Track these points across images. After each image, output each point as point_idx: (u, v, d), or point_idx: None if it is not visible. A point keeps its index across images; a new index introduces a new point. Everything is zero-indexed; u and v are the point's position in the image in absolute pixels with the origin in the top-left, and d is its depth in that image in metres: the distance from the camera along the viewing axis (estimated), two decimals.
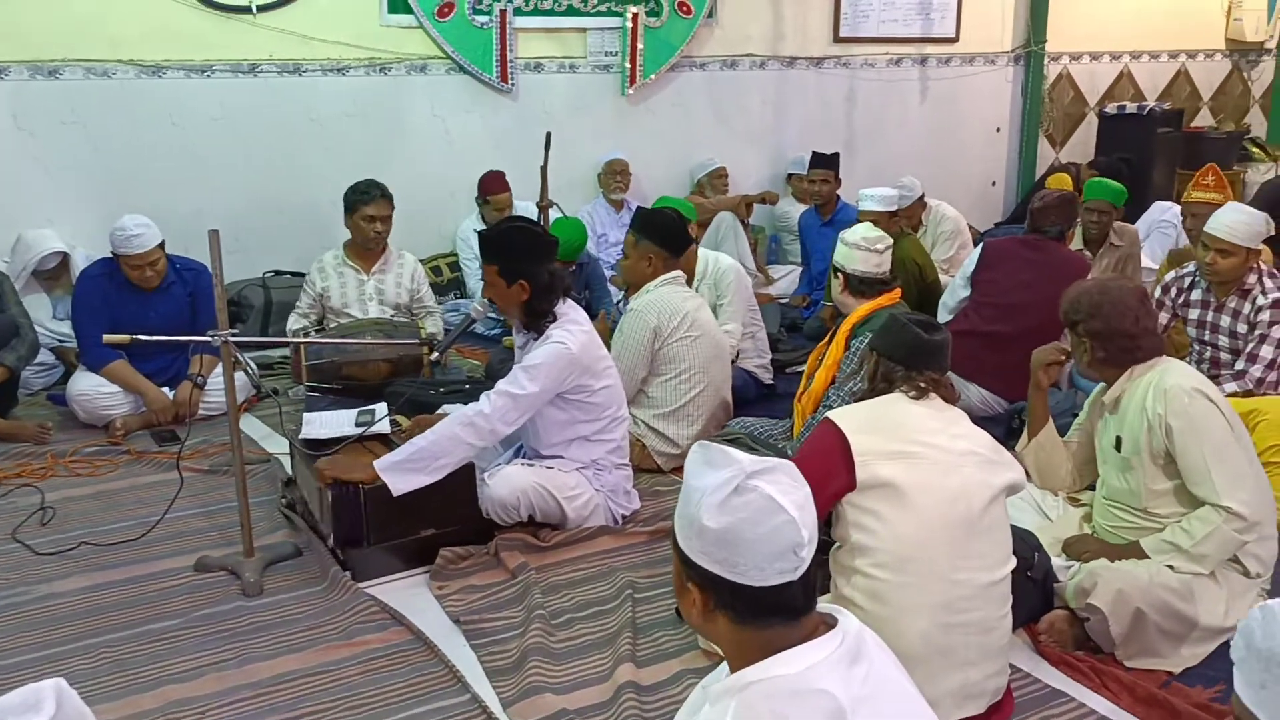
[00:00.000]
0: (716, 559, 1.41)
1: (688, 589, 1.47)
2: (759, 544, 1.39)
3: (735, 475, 1.41)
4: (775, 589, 1.40)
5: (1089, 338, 2.81)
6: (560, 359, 3.22)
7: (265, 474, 3.89)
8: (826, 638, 1.42)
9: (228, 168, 5.63)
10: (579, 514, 3.36)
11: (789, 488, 1.43)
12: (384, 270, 5.07)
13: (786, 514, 1.40)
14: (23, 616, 2.94)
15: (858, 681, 1.37)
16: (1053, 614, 2.73)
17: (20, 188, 5.20)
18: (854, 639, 1.42)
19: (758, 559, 1.39)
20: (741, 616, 1.42)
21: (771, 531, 1.39)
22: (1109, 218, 5.09)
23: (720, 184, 6.79)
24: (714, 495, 1.41)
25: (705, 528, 1.40)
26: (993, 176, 8.32)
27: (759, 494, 1.40)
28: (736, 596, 1.41)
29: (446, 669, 2.66)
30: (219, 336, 2.99)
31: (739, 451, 1.48)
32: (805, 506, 1.43)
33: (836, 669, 1.38)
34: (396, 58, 5.97)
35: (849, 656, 1.40)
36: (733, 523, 1.39)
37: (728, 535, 1.39)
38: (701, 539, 1.41)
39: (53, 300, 5.07)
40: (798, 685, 1.36)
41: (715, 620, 1.45)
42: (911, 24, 7.56)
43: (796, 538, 1.40)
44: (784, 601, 1.41)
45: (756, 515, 1.39)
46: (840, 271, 3.67)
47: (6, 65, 5.09)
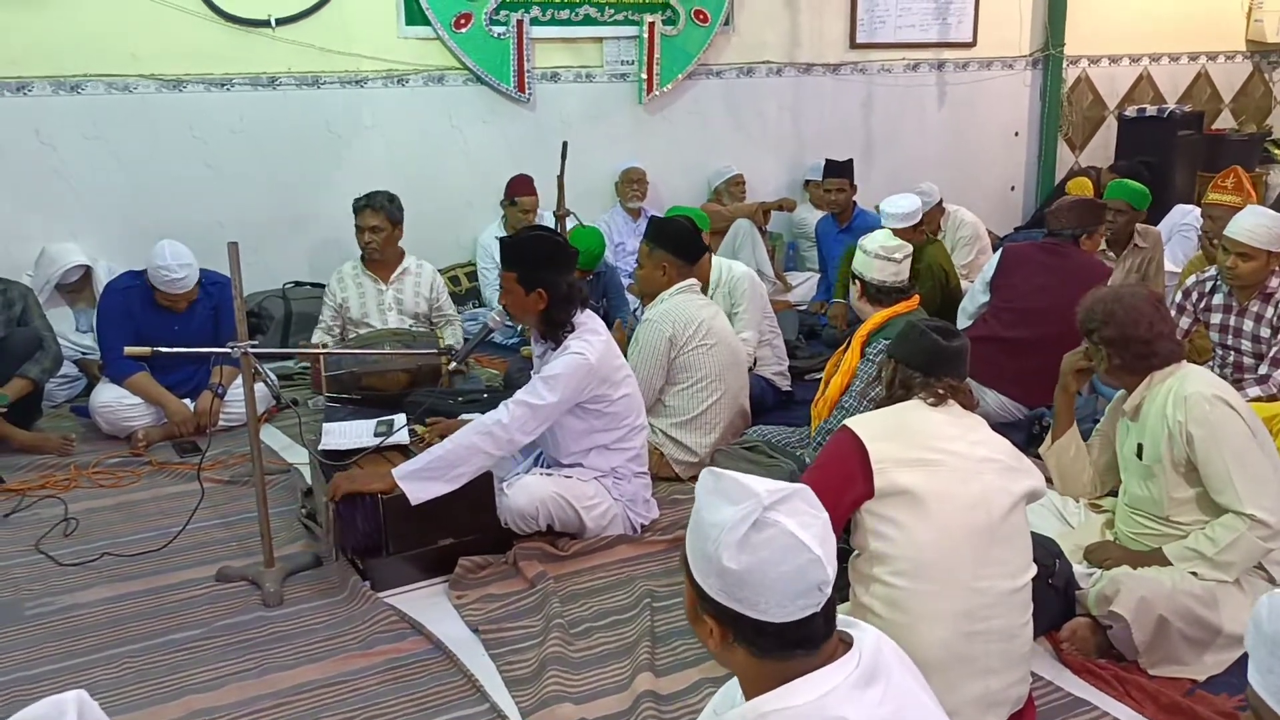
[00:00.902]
0: (737, 598, 1.36)
1: (702, 621, 1.43)
2: (782, 583, 1.34)
3: (753, 509, 1.36)
4: (798, 623, 1.36)
5: (1104, 345, 2.79)
6: (579, 369, 3.22)
7: (285, 484, 3.91)
8: (842, 661, 1.39)
9: (247, 179, 5.67)
10: (597, 523, 3.36)
11: (809, 519, 1.38)
12: (402, 280, 5.10)
13: (811, 553, 1.35)
14: (46, 627, 2.97)
15: (874, 703, 1.35)
16: (1075, 621, 2.71)
17: (43, 202, 5.25)
18: (870, 657, 1.40)
19: (780, 597, 1.35)
20: (764, 651, 1.38)
21: (795, 571, 1.34)
22: (1127, 218, 5.05)
23: (738, 191, 6.79)
24: (732, 533, 1.35)
25: (725, 569, 1.35)
26: (1011, 181, 8.28)
27: (780, 529, 1.35)
28: (759, 633, 1.37)
29: (465, 678, 2.67)
30: (238, 348, 3.01)
31: (752, 479, 1.43)
32: (827, 539, 1.39)
33: (853, 693, 1.35)
34: (414, 69, 6.00)
35: (865, 677, 1.37)
36: (754, 562, 1.34)
37: (749, 576, 1.34)
38: (721, 579, 1.36)
39: (76, 313, 5.12)
40: (814, 715, 1.34)
41: (734, 651, 1.41)
42: (928, 29, 7.54)
43: (821, 576, 1.36)
44: (807, 635, 1.38)
45: (779, 554, 1.34)
46: (858, 279, 3.65)
47: (29, 80, 5.15)
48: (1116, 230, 5.05)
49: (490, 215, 6.22)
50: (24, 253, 5.10)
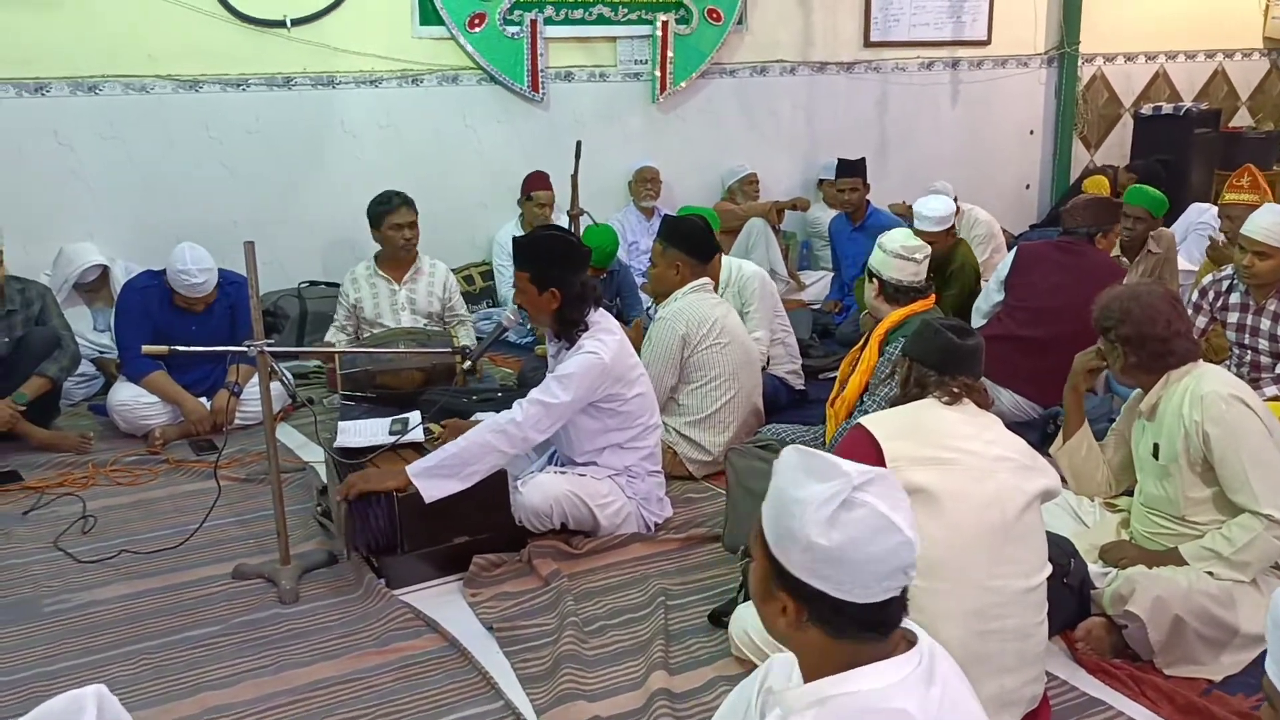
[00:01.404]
0: (822, 575, 1.36)
1: (775, 598, 1.42)
2: (872, 564, 1.34)
3: (842, 488, 1.35)
4: (878, 605, 1.37)
5: (1121, 343, 2.77)
6: (592, 368, 3.23)
7: (301, 482, 3.93)
8: (907, 656, 1.39)
9: (263, 179, 5.70)
10: (611, 521, 3.37)
11: (897, 501, 1.38)
12: (415, 280, 5.12)
13: (903, 534, 1.35)
14: (65, 623, 2.99)
15: (934, 702, 1.35)
16: (1090, 621, 2.70)
17: (61, 202, 5.29)
18: (929, 658, 1.40)
19: (867, 578, 1.35)
20: (839, 631, 1.38)
21: (886, 552, 1.34)
22: (1145, 225, 4.99)
23: (751, 190, 6.79)
24: (821, 509, 1.34)
25: (815, 544, 1.34)
26: (1026, 179, 8.26)
27: (871, 510, 1.35)
28: (838, 613, 1.37)
29: (480, 676, 2.67)
30: (255, 346, 3.03)
31: (839, 458, 1.43)
32: (913, 522, 1.39)
33: (915, 689, 1.35)
34: (428, 69, 6.02)
35: (926, 677, 1.38)
36: (846, 541, 1.34)
37: (840, 554, 1.34)
38: (809, 555, 1.35)
39: (93, 312, 5.15)
40: (878, 703, 1.34)
41: (805, 630, 1.41)
42: (943, 27, 7.52)
43: (910, 558, 1.36)
44: (884, 618, 1.38)
45: (871, 535, 1.34)
46: (876, 277, 3.63)
47: (47, 81, 5.19)
48: (1132, 237, 4.99)
49: (504, 215, 6.23)
50: (42, 252, 5.14)
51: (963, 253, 5.04)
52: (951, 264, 4.92)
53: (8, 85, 5.10)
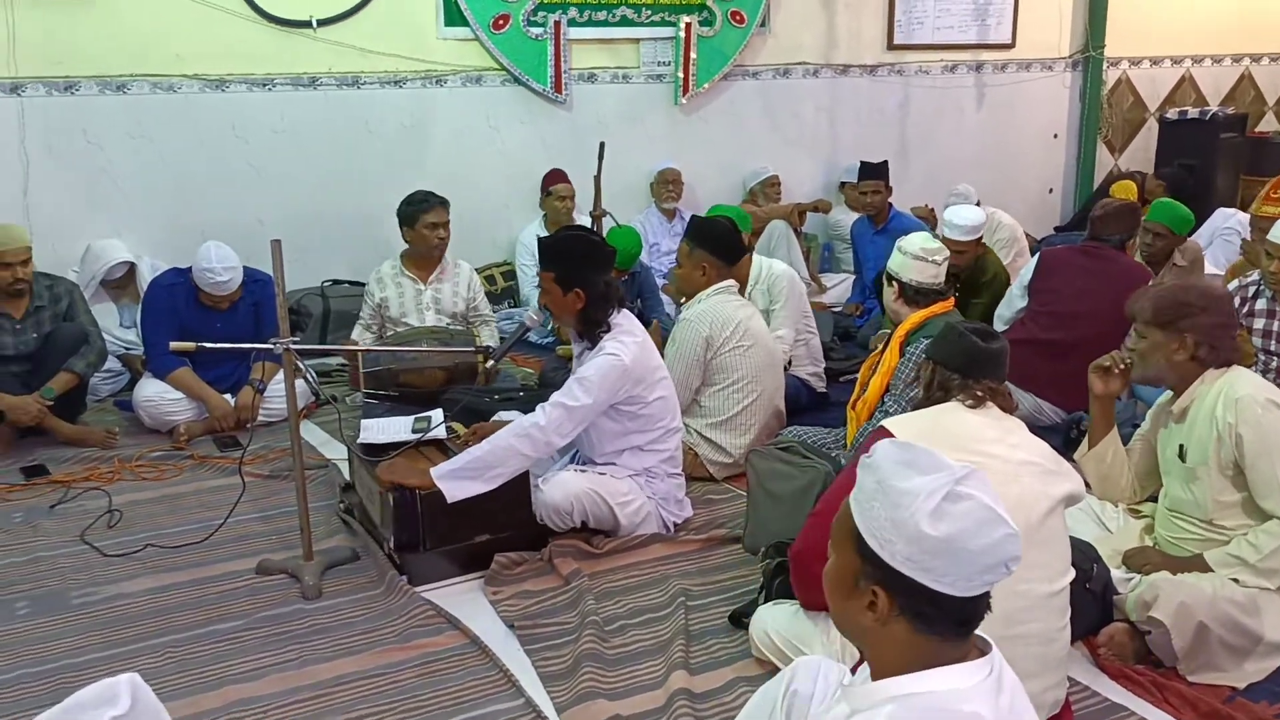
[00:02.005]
0: (925, 566, 1.36)
1: (863, 591, 1.42)
2: (978, 555, 1.35)
3: (946, 480, 1.37)
4: (973, 599, 1.37)
5: (1195, 333, 2.70)
6: (612, 371, 3.24)
7: (324, 479, 3.96)
8: (980, 663, 1.39)
9: (288, 178, 5.74)
10: (631, 520, 3.38)
11: (996, 498, 1.39)
12: (441, 280, 5.14)
13: (1009, 527, 1.36)
14: (92, 616, 3.02)
15: (1005, 711, 1.36)
16: (1113, 626, 2.69)
17: (89, 199, 5.35)
18: (999, 668, 1.41)
19: (969, 570, 1.35)
20: (929, 625, 1.39)
21: (993, 544, 1.35)
22: (1165, 242, 4.83)
23: (773, 192, 6.79)
24: (928, 501, 1.35)
25: (923, 535, 1.35)
26: (1050, 183, 8.22)
27: (977, 502, 1.36)
28: (934, 605, 1.37)
29: (501, 673, 2.69)
30: (280, 344, 3.05)
31: (938, 452, 1.44)
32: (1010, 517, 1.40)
33: (989, 695, 1.36)
34: (452, 70, 6.05)
35: (997, 685, 1.38)
36: (954, 532, 1.34)
37: (948, 545, 1.34)
38: (914, 545, 1.35)
39: (120, 309, 5.21)
40: (955, 704, 1.35)
41: (890, 625, 1.41)
42: (967, 30, 7.50)
43: (1014, 551, 1.37)
44: (973, 613, 1.39)
45: (977, 526, 1.35)
46: (895, 280, 3.64)
47: (76, 80, 5.25)
48: (1152, 253, 4.88)
49: (526, 215, 6.26)
50: (70, 249, 5.20)
51: (994, 263, 5.00)
52: (984, 275, 4.87)
53: (38, 84, 5.16)
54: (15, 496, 3.87)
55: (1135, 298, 2.83)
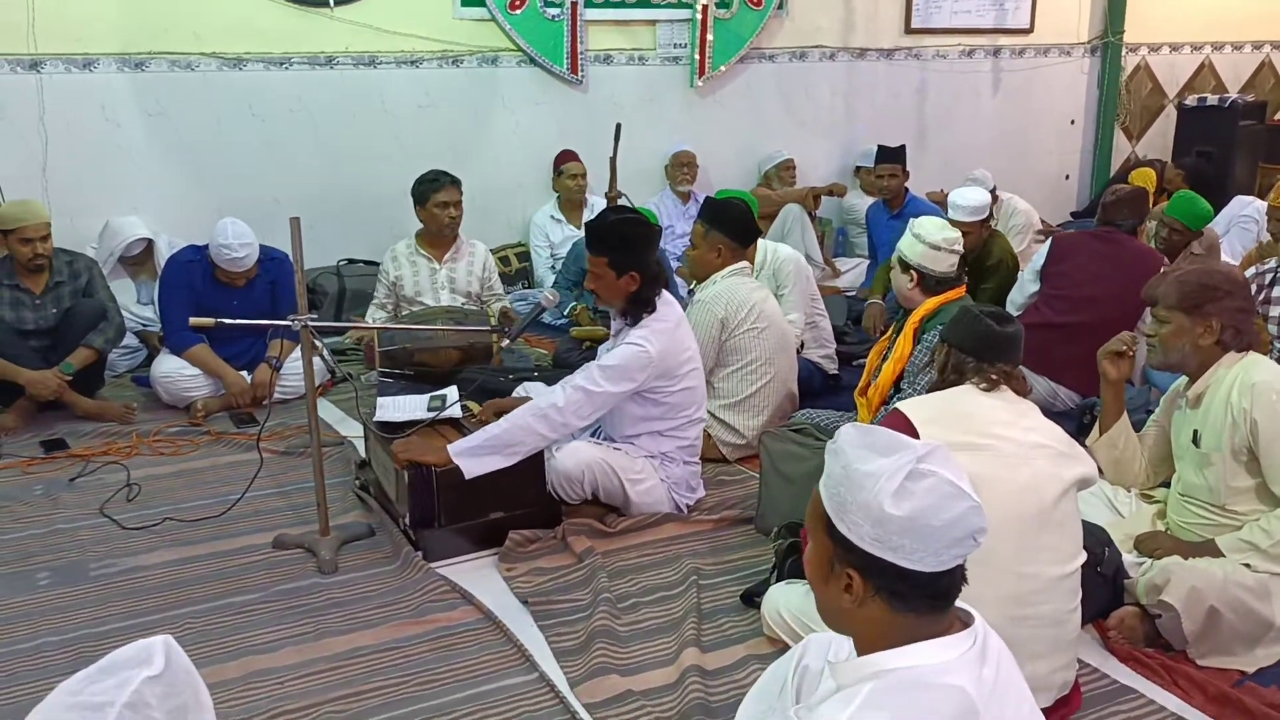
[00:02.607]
0: (892, 546, 1.38)
1: (839, 575, 1.45)
2: (943, 531, 1.37)
3: (908, 460, 1.39)
4: (945, 573, 1.40)
5: (1221, 317, 2.69)
6: (636, 361, 3.25)
7: (339, 456, 3.99)
8: (962, 635, 1.41)
9: (304, 157, 5.76)
10: (641, 499, 3.39)
11: (959, 471, 1.41)
12: (455, 259, 5.16)
13: (971, 500, 1.39)
14: (112, 587, 3.07)
15: (988, 682, 1.38)
16: (1123, 610, 2.70)
17: (107, 176, 5.38)
18: (984, 639, 1.43)
19: (937, 546, 1.37)
20: (904, 602, 1.41)
21: (956, 518, 1.37)
22: (1180, 238, 4.78)
23: (788, 176, 6.79)
24: (890, 481, 1.38)
25: (887, 515, 1.37)
26: (1066, 170, 8.19)
27: (939, 478, 1.39)
28: (906, 582, 1.39)
29: (515, 648, 2.72)
30: (299, 321, 3.08)
31: (898, 434, 1.46)
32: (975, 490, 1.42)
33: (970, 667, 1.38)
34: (469, 50, 6.05)
35: (980, 656, 1.40)
36: (917, 509, 1.37)
37: (912, 523, 1.37)
38: (879, 526, 1.38)
39: (137, 285, 5.24)
40: (933, 678, 1.36)
41: (867, 606, 1.43)
42: (985, 15, 7.46)
43: (980, 523, 1.39)
44: (947, 587, 1.41)
45: (941, 501, 1.37)
46: (914, 269, 3.59)
47: (95, 58, 5.27)
48: (1168, 248, 4.82)
49: (541, 196, 6.28)
50: (89, 226, 5.23)
51: (1000, 247, 4.97)
52: (988, 259, 4.87)
53: (58, 61, 5.18)
54: (35, 469, 3.92)
55: (1155, 283, 2.81)
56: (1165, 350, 2.78)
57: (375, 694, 2.53)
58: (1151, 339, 2.82)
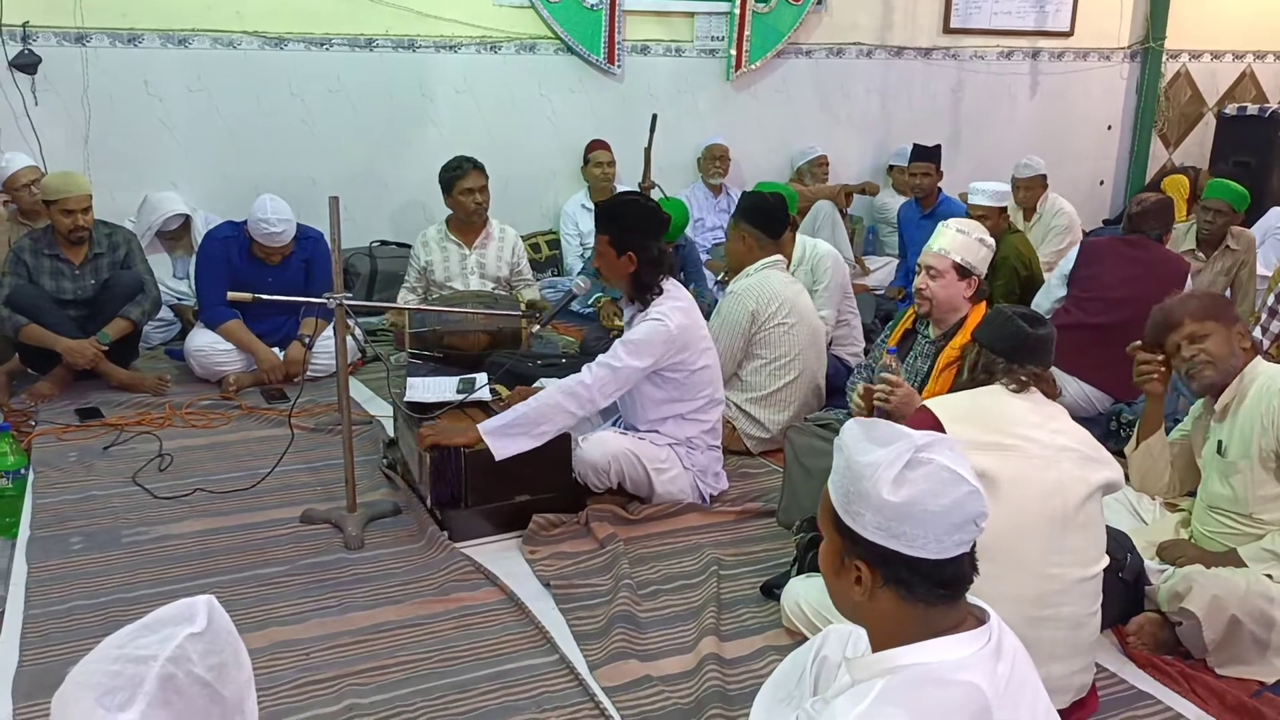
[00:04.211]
0: (894, 534, 1.40)
1: (848, 568, 1.47)
2: (943, 516, 1.39)
3: (906, 449, 1.41)
4: (952, 560, 1.41)
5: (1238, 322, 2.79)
6: (657, 335, 3.28)
7: (368, 435, 4.04)
8: (977, 632, 1.42)
9: (341, 138, 5.82)
10: (666, 488, 3.42)
11: (960, 459, 1.43)
12: (485, 244, 5.19)
13: (969, 484, 1.41)
14: (143, 554, 3.12)
15: (1002, 679, 1.39)
16: (1143, 616, 2.70)
17: (147, 151, 5.45)
18: (999, 636, 1.44)
19: (938, 531, 1.39)
20: (913, 592, 1.42)
21: (954, 504, 1.39)
22: (1225, 219, 4.87)
23: (820, 172, 6.78)
24: (889, 469, 1.40)
25: (885, 502, 1.39)
26: (1101, 175, 8.13)
27: (937, 465, 1.41)
28: (913, 570, 1.41)
29: (536, 629, 2.74)
30: (334, 299, 3.12)
31: (899, 426, 1.48)
32: (976, 476, 1.44)
33: (985, 664, 1.39)
34: (507, 36, 6.08)
35: (995, 653, 1.41)
36: (915, 495, 1.39)
37: (910, 509, 1.39)
38: (880, 514, 1.40)
39: (174, 260, 5.32)
40: (948, 675, 1.37)
41: (878, 598, 1.45)
42: (1025, 16, 7.42)
43: (979, 508, 1.41)
44: (956, 574, 1.42)
45: (939, 487, 1.39)
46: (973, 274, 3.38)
47: (140, 33, 5.34)
48: (1212, 231, 4.90)
49: (573, 185, 6.30)
50: (128, 199, 5.31)
51: (1010, 243, 4.88)
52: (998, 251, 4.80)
53: (103, 35, 5.26)
54: (70, 436, 3.99)
55: (1170, 309, 2.82)
56: (1219, 361, 2.76)
57: (398, 669, 2.56)
58: (1194, 360, 2.79)
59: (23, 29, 5.10)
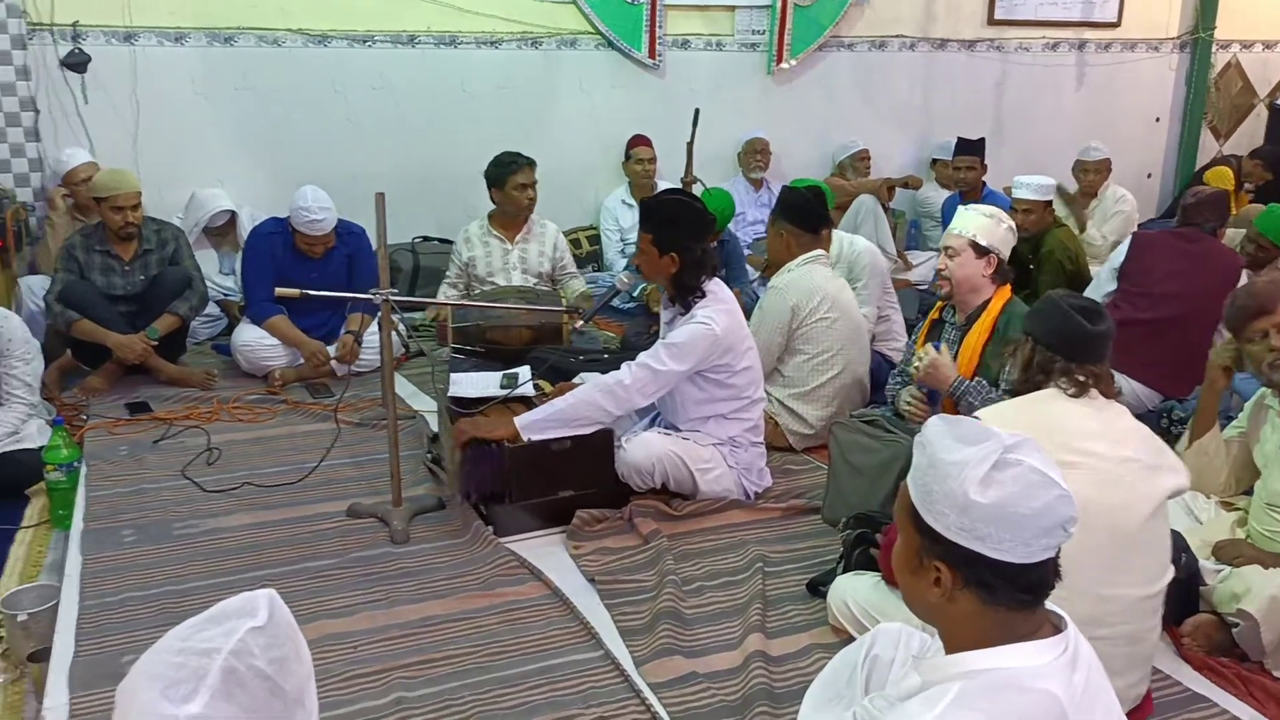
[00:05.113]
0: (979, 535, 1.37)
1: (927, 568, 1.44)
2: (1032, 519, 1.36)
3: (994, 449, 1.38)
4: (1037, 565, 1.38)
5: None
6: (702, 339, 3.27)
7: (411, 430, 4.06)
8: (1054, 640, 1.40)
9: (384, 135, 5.85)
10: (710, 487, 3.41)
11: (1049, 460, 1.40)
12: (527, 240, 5.20)
13: (1060, 488, 1.37)
14: (194, 547, 3.17)
15: (1079, 689, 1.36)
16: (1198, 617, 2.66)
17: (194, 148, 5.51)
18: (1075, 645, 1.41)
19: (1026, 535, 1.36)
20: (994, 596, 1.39)
21: (1045, 507, 1.36)
22: (1266, 255, 4.60)
23: (862, 166, 6.73)
24: (976, 469, 1.37)
25: (973, 504, 1.36)
26: (1149, 168, 8.00)
27: (1026, 466, 1.37)
28: (996, 574, 1.38)
29: (581, 625, 2.75)
30: (380, 295, 3.14)
31: (985, 425, 1.45)
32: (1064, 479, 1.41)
33: (1062, 672, 1.36)
34: (548, 32, 6.08)
35: (1071, 662, 1.39)
36: (1004, 497, 1.36)
37: (998, 511, 1.36)
38: (965, 515, 1.37)
39: (220, 256, 5.37)
40: (1024, 682, 1.35)
41: (957, 600, 1.42)
42: (1071, 7, 7.31)
43: (1070, 512, 1.38)
44: (1038, 580, 1.39)
45: (1028, 490, 1.36)
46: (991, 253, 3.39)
47: (186, 32, 5.40)
48: (1250, 263, 4.63)
49: (614, 180, 6.30)
50: (175, 196, 5.37)
51: (1056, 237, 4.82)
52: (1039, 249, 4.78)
53: (151, 34, 5.32)
54: (121, 431, 4.05)
55: (1260, 292, 2.74)
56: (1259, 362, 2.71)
57: (445, 662, 2.58)
58: None
59: (73, 28, 5.18)
